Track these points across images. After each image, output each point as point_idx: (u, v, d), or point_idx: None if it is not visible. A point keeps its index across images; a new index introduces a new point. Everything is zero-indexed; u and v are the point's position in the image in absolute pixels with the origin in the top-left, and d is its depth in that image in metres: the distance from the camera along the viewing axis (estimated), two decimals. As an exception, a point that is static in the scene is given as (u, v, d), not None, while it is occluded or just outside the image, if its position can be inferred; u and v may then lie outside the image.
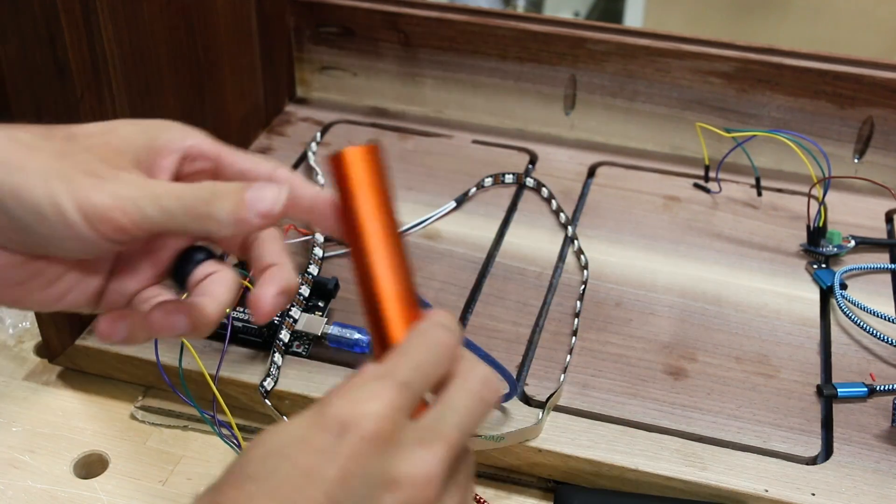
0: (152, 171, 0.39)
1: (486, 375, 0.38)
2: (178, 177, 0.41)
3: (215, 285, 0.40)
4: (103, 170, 0.37)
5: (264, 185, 0.38)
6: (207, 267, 0.41)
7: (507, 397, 0.58)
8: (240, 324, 0.62)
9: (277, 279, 0.40)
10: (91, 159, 0.37)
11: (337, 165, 0.39)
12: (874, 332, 0.63)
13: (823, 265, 0.71)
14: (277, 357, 0.60)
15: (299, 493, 0.33)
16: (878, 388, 0.60)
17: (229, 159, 0.41)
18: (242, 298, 0.63)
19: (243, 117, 0.82)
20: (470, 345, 0.54)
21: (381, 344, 0.38)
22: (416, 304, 0.39)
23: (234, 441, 0.57)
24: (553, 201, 0.76)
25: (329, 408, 0.34)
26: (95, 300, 0.42)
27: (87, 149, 0.37)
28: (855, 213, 0.77)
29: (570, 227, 0.74)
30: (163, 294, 0.42)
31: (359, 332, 0.62)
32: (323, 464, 0.33)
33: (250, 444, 0.35)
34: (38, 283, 0.40)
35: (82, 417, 0.61)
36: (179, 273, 0.41)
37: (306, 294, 0.64)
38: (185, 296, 0.41)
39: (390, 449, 0.34)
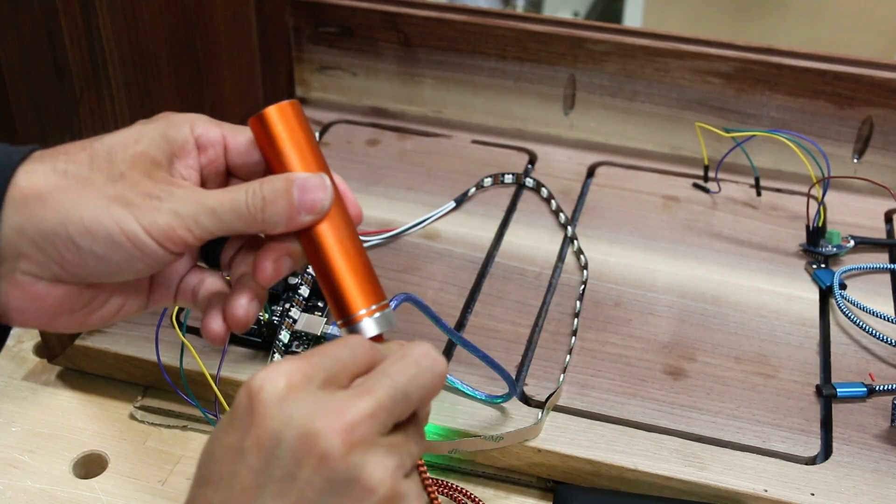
0: (182, 172, 0.41)
1: (425, 347, 0.38)
2: (201, 170, 0.42)
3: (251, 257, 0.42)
4: (156, 188, 0.38)
5: (310, 183, 0.39)
6: (234, 242, 0.43)
7: (507, 397, 0.58)
8: (239, 324, 0.62)
9: (251, 286, 0.42)
10: (140, 179, 0.38)
11: (260, 126, 0.41)
12: (873, 332, 0.63)
13: (823, 265, 0.71)
14: (277, 357, 0.60)
15: (229, 471, 0.35)
16: (877, 388, 0.60)
17: (232, 139, 0.43)
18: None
19: (243, 117, 0.81)
20: (469, 346, 0.54)
21: (334, 302, 0.40)
22: (360, 252, 0.41)
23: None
24: (552, 201, 0.76)
25: (241, 387, 0.36)
26: (145, 305, 0.44)
27: (130, 166, 0.39)
28: (854, 213, 0.77)
29: (569, 227, 0.74)
30: (200, 273, 0.44)
31: (358, 332, 0.62)
32: (241, 439, 0.35)
33: None
34: (95, 306, 0.41)
35: (82, 417, 0.61)
36: (210, 255, 0.44)
37: (306, 294, 0.64)
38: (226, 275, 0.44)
39: (297, 406, 0.35)
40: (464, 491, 0.56)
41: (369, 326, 0.40)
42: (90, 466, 0.59)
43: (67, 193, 0.37)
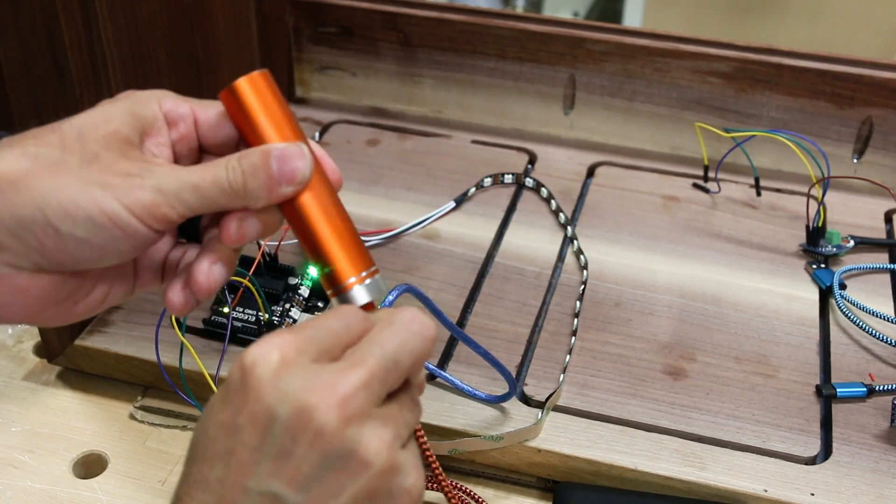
0: (154, 150, 0.40)
1: (413, 311, 0.38)
2: (172, 146, 0.41)
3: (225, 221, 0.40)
4: (134, 167, 0.38)
5: (288, 153, 0.39)
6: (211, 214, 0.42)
7: (507, 397, 0.58)
8: (239, 324, 0.62)
9: (216, 248, 0.41)
10: (116, 159, 0.38)
11: (232, 99, 0.40)
12: (873, 332, 0.63)
13: (823, 265, 0.71)
14: (277, 357, 0.60)
15: (224, 447, 0.34)
16: (877, 388, 0.60)
17: (202, 114, 0.42)
18: (242, 298, 0.63)
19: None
20: (469, 342, 0.54)
21: (324, 275, 0.40)
22: (344, 220, 0.40)
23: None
24: (552, 201, 0.76)
25: (234, 363, 0.35)
26: (131, 290, 0.43)
27: (103, 146, 0.38)
28: (854, 213, 0.77)
29: (569, 227, 0.74)
30: (183, 249, 0.43)
31: (358, 332, 0.62)
32: (236, 415, 0.34)
33: None
34: (80, 296, 0.41)
35: (81, 417, 0.61)
36: (190, 230, 0.43)
37: (306, 294, 0.64)
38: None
39: (291, 381, 0.34)
40: (468, 491, 0.56)
41: (360, 294, 0.40)
42: (90, 466, 0.59)
43: (42, 178, 0.36)
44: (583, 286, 0.68)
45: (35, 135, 0.38)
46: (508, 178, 0.79)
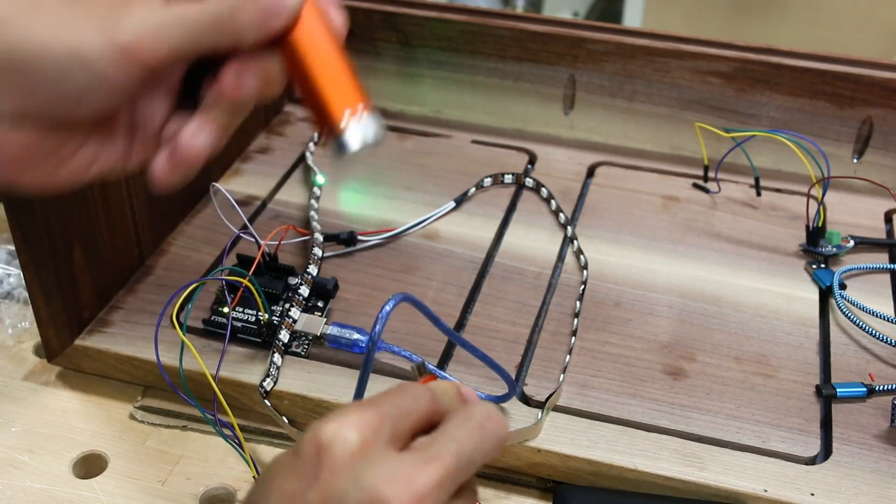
0: None
1: (489, 409, 0.37)
2: None
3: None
4: (116, 3, 0.36)
5: None
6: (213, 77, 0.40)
7: (507, 397, 0.58)
8: (239, 324, 0.62)
9: (208, 107, 0.39)
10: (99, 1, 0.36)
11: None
12: (873, 332, 0.63)
13: (822, 265, 0.71)
14: (277, 357, 0.60)
15: None
16: (877, 389, 0.60)
17: None
18: (242, 299, 0.63)
19: (242, 117, 0.82)
20: (468, 346, 0.54)
21: (318, 115, 0.39)
22: (341, 59, 0.39)
23: (236, 441, 0.57)
24: (552, 201, 0.76)
25: (306, 433, 0.35)
26: (123, 159, 0.40)
27: None
28: (854, 213, 0.77)
29: (569, 227, 0.74)
30: (183, 119, 0.40)
31: (358, 333, 0.62)
32: (305, 488, 0.34)
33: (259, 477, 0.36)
34: (64, 155, 0.38)
35: (81, 417, 0.61)
36: (192, 89, 0.40)
37: (306, 294, 0.64)
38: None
39: (368, 467, 0.33)
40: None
41: (353, 137, 0.39)
42: (90, 466, 0.59)
43: (21, 13, 0.35)
44: (583, 286, 0.68)
45: None
46: (508, 178, 0.79)
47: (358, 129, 0.39)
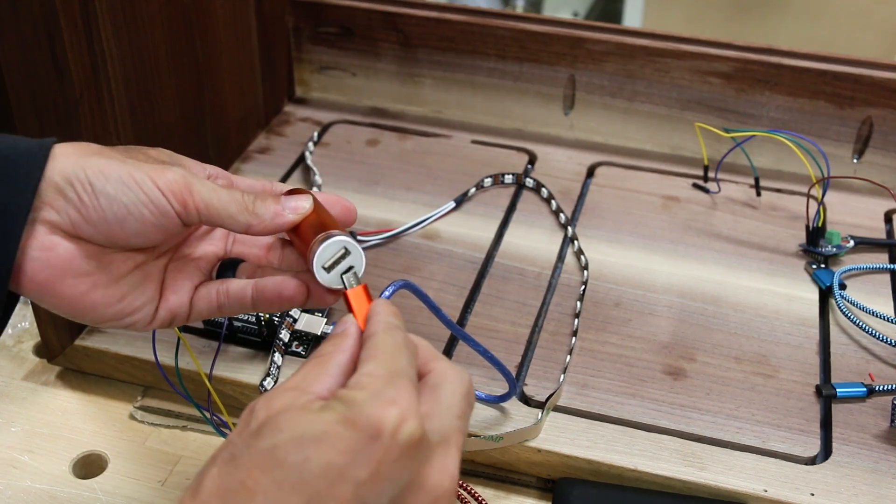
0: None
1: (470, 380, 0.40)
2: None
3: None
4: (165, 159, 0.45)
5: (293, 195, 0.46)
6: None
7: (507, 397, 0.58)
8: (239, 324, 0.62)
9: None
10: (155, 162, 0.44)
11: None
12: (873, 332, 0.63)
13: (822, 265, 0.71)
14: (277, 357, 0.60)
15: (328, 490, 0.34)
16: (876, 389, 0.60)
17: (237, 180, 0.49)
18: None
19: (242, 117, 0.82)
20: (468, 339, 0.54)
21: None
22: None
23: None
24: (552, 201, 0.76)
25: (360, 408, 0.35)
26: (148, 312, 0.46)
27: (144, 158, 0.44)
28: (854, 213, 0.77)
29: (569, 228, 0.74)
30: (218, 283, 0.48)
31: (358, 332, 0.62)
32: (355, 464, 0.34)
33: (275, 426, 0.35)
34: (100, 279, 0.44)
35: (81, 417, 0.61)
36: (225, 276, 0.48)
37: (305, 294, 0.64)
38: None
39: (419, 454, 0.36)
40: (467, 488, 0.56)
41: (334, 242, 0.44)
42: (90, 466, 0.59)
43: (90, 155, 0.42)
44: (583, 286, 0.68)
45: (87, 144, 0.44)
46: (508, 179, 0.79)
47: (323, 250, 0.44)
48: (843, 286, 0.68)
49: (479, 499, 0.56)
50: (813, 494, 0.54)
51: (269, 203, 0.45)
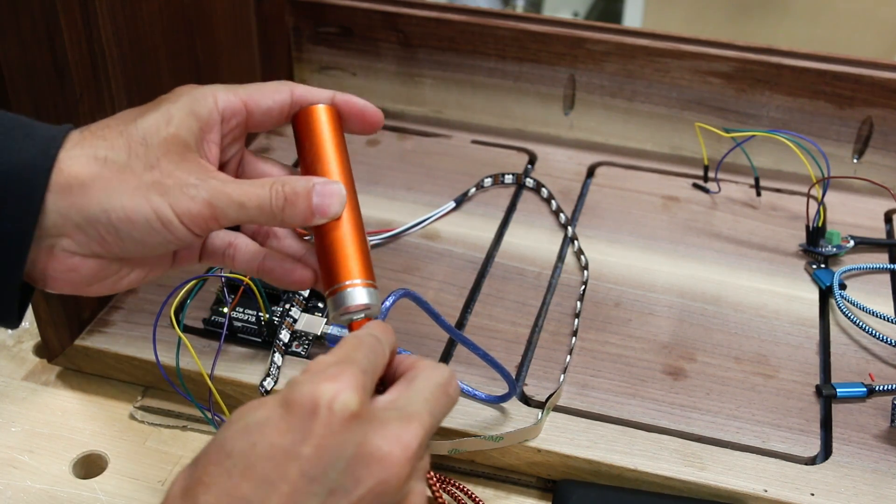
0: (205, 148, 0.45)
1: (449, 372, 0.41)
2: (221, 140, 0.46)
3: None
4: (191, 178, 0.42)
5: (327, 190, 0.44)
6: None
7: (507, 397, 0.58)
8: (240, 323, 0.62)
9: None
10: (174, 168, 0.42)
11: (307, 120, 0.46)
12: (873, 332, 0.63)
13: (822, 265, 0.71)
14: (277, 357, 0.60)
15: (276, 471, 0.35)
16: (877, 389, 0.60)
17: (254, 105, 0.46)
18: (243, 298, 0.63)
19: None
20: (468, 344, 0.54)
21: (328, 274, 0.44)
22: (363, 242, 0.46)
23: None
24: (552, 201, 0.76)
25: (298, 388, 0.36)
26: (168, 268, 0.48)
27: (164, 151, 0.42)
28: (854, 214, 0.77)
29: (569, 228, 0.74)
30: (222, 234, 0.49)
31: (358, 332, 0.62)
32: (298, 442, 0.35)
33: (228, 421, 0.37)
34: (124, 274, 0.45)
35: (81, 417, 0.61)
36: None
37: (306, 294, 0.64)
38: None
39: (362, 425, 0.36)
40: (464, 489, 0.56)
41: (360, 294, 0.43)
42: (90, 466, 0.59)
43: (109, 182, 0.41)
44: (583, 286, 0.68)
45: (104, 136, 0.42)
46: (508, 179, 0.79)
47: (362, 291, 0.44)
48: (843, 286, 0.68)
49: (477, 500, 0.56)
50: (813, 494, 0.54)
51: (299, 206, 0.43)
